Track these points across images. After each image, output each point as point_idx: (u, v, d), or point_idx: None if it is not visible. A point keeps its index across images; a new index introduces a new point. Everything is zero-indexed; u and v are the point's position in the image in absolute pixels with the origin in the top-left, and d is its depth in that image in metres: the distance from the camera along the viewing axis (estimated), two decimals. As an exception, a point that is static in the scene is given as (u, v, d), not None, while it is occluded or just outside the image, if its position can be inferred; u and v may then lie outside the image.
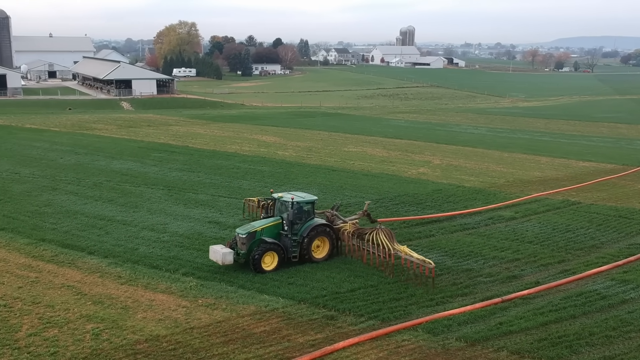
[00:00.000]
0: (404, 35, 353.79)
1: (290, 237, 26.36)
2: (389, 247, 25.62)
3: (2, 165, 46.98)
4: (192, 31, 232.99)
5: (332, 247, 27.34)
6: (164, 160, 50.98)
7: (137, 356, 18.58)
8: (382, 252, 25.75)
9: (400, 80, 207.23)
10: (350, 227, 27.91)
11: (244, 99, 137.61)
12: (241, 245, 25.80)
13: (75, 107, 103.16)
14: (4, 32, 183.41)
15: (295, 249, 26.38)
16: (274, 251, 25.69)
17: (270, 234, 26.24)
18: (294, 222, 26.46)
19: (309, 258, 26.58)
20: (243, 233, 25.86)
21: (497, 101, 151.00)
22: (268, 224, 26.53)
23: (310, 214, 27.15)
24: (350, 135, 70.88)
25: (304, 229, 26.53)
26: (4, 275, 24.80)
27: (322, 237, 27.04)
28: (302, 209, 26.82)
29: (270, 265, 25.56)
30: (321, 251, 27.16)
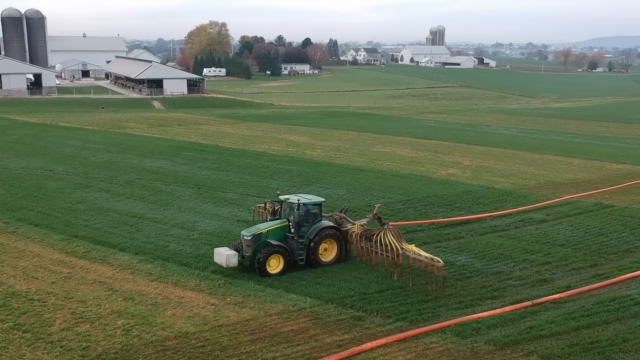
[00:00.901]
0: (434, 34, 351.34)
1: (296, 240, 25.69)
2: (397, 247, 25.19)
3: (37, 162, 48.06)
4: (223, 31, 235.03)
5: (340, 251, 26.66)
6: (194, 159, 51.52)
7: (167, 352, 18.82)
8: (390, 252, 25.31)
9: (430, 80, 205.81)
10: (358, 229, 27.33)
11: (272, 98, 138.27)
12: (246, 247, 25.28)
13: (108, 106, 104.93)
14: (39, 32, 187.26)
15: (301, 251, 25.68)
16: (280, 254, 25.06)
17: (276, 237, 25.64)
18: (300, 225, 25.81)
19: (316, 261, 25.89)
20: (248, 235, 25.32)
21: (528, 102, 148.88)
22: (274, 226, 25.92)
23: (317, 216, 26.50)
24: (379, 135, 70.64)
25: (310, 232, 25.85)
26: (38, 270, 25.38)
27: (330, 240, 26.32)
28: (309, 211, 26.12)
29: (275, 269, 24.94)
30: (329, 254, 26.47)
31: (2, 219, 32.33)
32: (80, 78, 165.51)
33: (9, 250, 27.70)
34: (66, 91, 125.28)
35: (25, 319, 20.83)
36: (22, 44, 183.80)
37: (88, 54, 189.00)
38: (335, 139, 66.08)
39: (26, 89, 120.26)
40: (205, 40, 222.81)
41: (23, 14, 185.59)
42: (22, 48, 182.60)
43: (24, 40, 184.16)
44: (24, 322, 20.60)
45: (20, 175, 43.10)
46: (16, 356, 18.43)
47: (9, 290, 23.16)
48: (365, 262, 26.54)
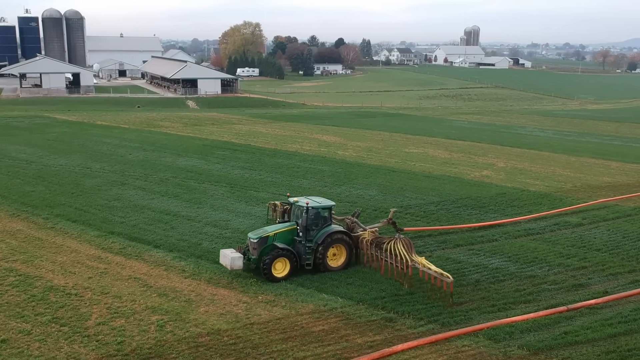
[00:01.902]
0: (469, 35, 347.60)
1: (304, 244, 25.10)
2: (407, 258, 24.23)
3: (75, 160, 49.16)
4: (256, 31, 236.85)
5: (349, 256, 25.95)
6: (227, 158, 52.00)
7: (199, 349, 19.07)
8: (400, 263, 24.33)
9: (464, 80, 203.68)
10: (369, 235, 26.42)
11: (305, 98, 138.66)
12: (252, 250, 24.84)
13: (144, 105, 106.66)
14: (78, 33, 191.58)
15: (309, 256, 25.07)
16: (286, 258, 24.51)
17: (283, 240, 25.08)
18: (308, 228, 25.17)
19: (323, 266, 25.26)
20: (254, 237, 24.84)
21: (564, 103, 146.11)
22: (281, 229, 25.40)
23: (327, 220, 25.80)
24: (412, 136, 70.23)
25: (319, 236, 25.21)
26: (75, 265, 25.98)
27: (339, 245, 25.67)
28: (318, 214, 25.43)
29: (281, 272, 24.45)
30: (337, 260, 25.79)
31: (42, 214, 33.19)
32: (117, 77, 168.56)
33: (48, 246, 28.42)
34: (103, 90, 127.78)
35: (62, 313, 21.37)
36: (62, 44, 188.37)
37: (125, 53, 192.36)
38: (368, 140, 65.93)
39: (65, 88, 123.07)
40: (239, 41, 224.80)
41: (63, 14, 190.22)
42: (62, 48, 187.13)
43: (63, 40, 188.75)
44: (61, 316, 21.13)
45: (59, 173, 44.16)
46: (54, 349, 18.91)
47: (47, 285, 23.78)
48: (375, 270, 25.67)
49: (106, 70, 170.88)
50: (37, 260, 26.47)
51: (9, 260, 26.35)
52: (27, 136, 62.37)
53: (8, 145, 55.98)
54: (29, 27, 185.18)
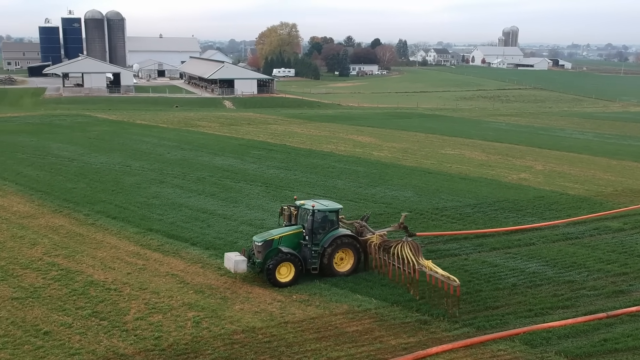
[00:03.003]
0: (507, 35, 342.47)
1: (310, 248, 24.60)
2: (414, 261, 23.58)
3: (115, 158, 50.25)
4: (293, 32, 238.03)
5: (357, 261, 25.34)
6: (263, 157, 52.42)
7: (234, 346, 19.32)
8: (407, 266, 23.71)
9: (502, 81, 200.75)
10: (377, 239, 25.69)
11: (340, 99, 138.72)
12: (257, 253, 24.40)
13: (182, 104, 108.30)
14: (119, 33, 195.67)
15: (315, 260, 24.56)
16: (291, 262, 23.95)
17: (289, 243, 24.56)
18: (315, 232, 24.66)
19: (330, 271, 24.75)
20: (259, 241, 24.40)
21: (606, 105, 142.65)
22: (287, 233, 24.88)
23: (334, 223, 25.24)
24: (448, 137, 69.58)
25: (325, 240, 24.69)
26: (115, 261, 26.59)
27: (346, 249, 25.06)
28: (325, 218, 24.94)
29: (286, 277, 23.92)
30: (345, 264, 25.19)
31: (83, 211, 34.06)
32: (156, 77, 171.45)
33: (89, 241, 29.15)
34: (143, 90, 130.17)
35: (102, 307, 21.90)
36: (103, 44, 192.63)
37: (164, 54, 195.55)
38: (403, 141, 65.60)
39: (106, 87, 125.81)
40: (275, 41, 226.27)
41: (104, 15, 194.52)
42: (103, 48, 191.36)
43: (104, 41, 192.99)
44: (101, 310, 21.66)
45: (100, 170, 45.22)
46: (94, 342, 19.40)
47: (88, 280, 24.41)
48: (383, 274, 25.07)
49: (145, 70, 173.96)
50: (78, 255, 27.19)
51: (52, 255, 27.13)
52: (69, 134, 64.04)
53: (51, 143, 57.58)
54: (72, 27, 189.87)
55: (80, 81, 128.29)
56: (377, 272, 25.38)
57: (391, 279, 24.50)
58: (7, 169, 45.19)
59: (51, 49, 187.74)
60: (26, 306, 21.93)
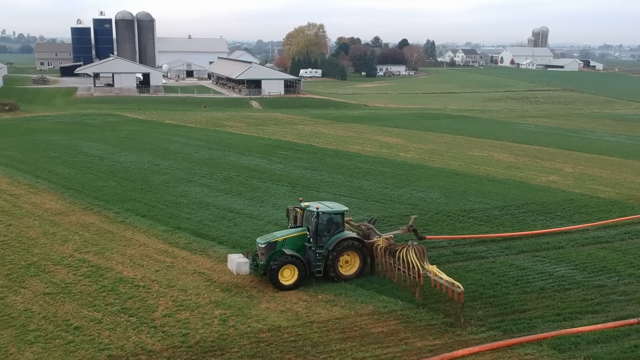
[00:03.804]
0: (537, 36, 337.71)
1: (314, 250, 24.24)
2: (419, 266, 22.93)
3: (144, 157, 50.98)
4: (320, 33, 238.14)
5: (362, 264, 24.96)
6: (289, 158, 52.64)
7: (260, 344, 19.46)
8: (412, 271, 23.10)
9: (531, 83, 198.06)
10: (383, 242, 25.02)
11: (367, 99, 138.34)
12: (261, 255, 24.18)
13: (210, 105, 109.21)
14: (149, 34, 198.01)
15: (319, 263, 24.18)
16: (294, 265, 23.62)
17: (293, 246, 24.28)
18: (319, 234, 24.30)
19: (335, 274, 24.34)
20: (262, 243, 24.14)
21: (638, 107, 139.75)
22: (291, 235, 24.58)
23: (339, 226, 24.84)
24: (476, 138, 68.97)
25: (330, 242, 24.27)
26: (143, 258, 27.01)
27: (351, 252, 24.65)
28: (331, 220, 24.55)
29: (289, 280, 23.62)
30: (350, 267, 24.76)
31: (113, 209, 34.65)
32: (185, 78, 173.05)
33: (118, 239, 29.66)
34: (171, 90, 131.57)
35: (131, 304, 22.28)
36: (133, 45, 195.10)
37: (192, 54, 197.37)
38: (430, 142, 65.23)
39: (135, 87, 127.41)
40: (302, 42, 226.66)
41: (135, 16, 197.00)
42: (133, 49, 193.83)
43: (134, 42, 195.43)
44: (130, 307, 22.03)
45: (130, 169, 45.92)
46: (123, 338, 19.75)
47: (117, 276, 24.84)
48: (389, 279, 24.54)
49: (174, 70, 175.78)
50: (108, 252, 27.69)
51: (82, 252, 27.68)
52: (99, 133, 65.17)
53: (82, 141, 58.66)
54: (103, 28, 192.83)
55: (110, 81, 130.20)
56: (383, 276, 24.92)
57: (396, 284, 23.94)
58: (40, 167, 46.20)
59: (83, 49, 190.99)
60: (57, 301, 22.43)
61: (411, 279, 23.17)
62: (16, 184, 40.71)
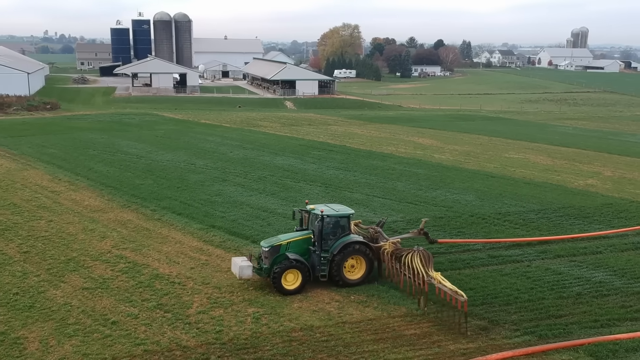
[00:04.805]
0: (576, 36, 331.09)
1: (319, 254, 23.85)
2: (423, 273, 22.28)
3: (181, 156, 51.75)
4: (355, 33, 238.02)
5: (369, 268, 24.36)
6: (322, 158, 52.75)
7: (292, 343, 19.60)
8: (416, 277, 22.42)
9: (570, 84, 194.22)
10: (390, 246, 24.42)
11: (401, 100, 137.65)
12: (264, 259, 23.92)
13: (244, 105, 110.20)
14: (185, 35, 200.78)
15: (324, 267, 23.74)
16: (297, 269, 23.23)
17: (298, 249, 23.87)
18: (324, 238, 23.88)
19: (339, 279, 23.82)
20: (266, 246, 23.87)
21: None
22: (295, 238, 24.14)
23: (345, 229, 24.35)
24: (512, 140, 68.00)
25: (335, 246, 23.80)
26: (179, 256, 27.45)
27: (357, 256, 24.10)
28: (337, 223, 24.13)
29: (292, 285, 23.22)
30: (356, 272, 24.22)
31: (150, 206, 35.29)
32: (220, 78, 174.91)
33: (155, 236, 30.20)
34: (207, 90, 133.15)
35: (167, 300, 22.68)
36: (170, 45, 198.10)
37: (228, 55, 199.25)
38: (465, 143, 64.57)
39: (172, 87, 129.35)
40: (337, 42, 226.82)
41: (172, 17, 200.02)
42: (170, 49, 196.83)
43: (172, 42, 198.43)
44: (165, 303, 22.43)
45: (166, 168, 46.69)
46: (158, 333, 20.12)
47: (153, 273, 25.31)
48: (396, 284, 23.94)
49: (210, 71, 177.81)
50: (144, 249, 28.23)
51: (120, 248, 28.27)
52: (137, 132, 66.40)
53: (121, 140, 59.86)
54: (141, 29, 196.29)
55: (148, 81, 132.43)
56: (389, 281, 24.34)
57: (402, 289, 23.41)
58: (80, 164, 47.32)
59: (121, 49, 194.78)
60: (95, 296, 22.97)
61: (416, 285, 22.51)
62: (57, 181, 41.79)
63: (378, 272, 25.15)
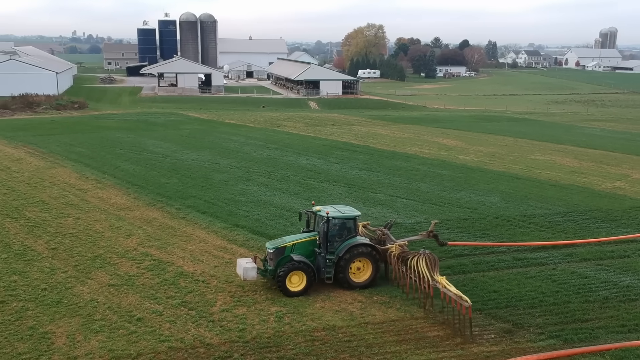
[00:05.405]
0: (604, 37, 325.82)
1: (324, 256, 23.70)
2: (428, 276, 22.04)
3: (205, 155, 52.20)
4: (379, 33, 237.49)
5: (375, 271, 24.04)
6: (346, 158, 52.74)
7: (315, 343, 19.66)
8: (422, 281, 22.23)
9: (597, 85, 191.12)
10: (396, 249, 24.21)
11: (426, 100, 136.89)
12: (270, 260, 23.88)
13: (268, 105, 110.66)
14: (211, 35, 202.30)
15: (329, 269, 23.61)
16: (302, 271, 23.10)
17: (303, 251, 23.75)
18: (330, 240, 23.73)
19: (345, 281, 23.65)
20: (271, 248, 23.78)
21: None
22: (301, 240, 24.05)
23: (351, 231, 24.16)
24: (538, 142, 67.17)
25: (341, 248, 23.65)
26: (203, 254, 27.70)
27: (363, 258, 23.84)
28: (344, 225, 23.96)
29: (297, 286, 23.13)
30: (363, 274, 23.96)
31: (175, 205, 35.67)
32: (245, 78, 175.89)
33: (179, 234, 30.52)
34: (232, 90, 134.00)
35: (191, 298, 22.92)
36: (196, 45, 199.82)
37: (253, 55, 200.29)
38: (490, 144, 63.99)
39: (197, 87, 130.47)
40: (361, 43, 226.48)
41: (198, 18, 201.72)
42: (196, 49, 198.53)
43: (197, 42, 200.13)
44: (190, 300, 22.67)
45: (191, 167, 47.14)
46: (182, 330, 20.35)
47: (178, 270, 25.59)
48: (402, 287, 23.79)
49: (235, 71, 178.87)
50: (169, 247, 28.55)
51: (145, 246, 28.64)
52: (163, 132, 67.13)
53: (147, 139, 60.59)
54: (167, 29, 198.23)
55: (174, 81, 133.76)
56: (396, 284, 24.15)
57: (408, 293, 23.23)
58: (107, 163, 48.02)
59: (148, 49, 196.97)
60: (121, 293, 23.31)
61: (421, 288, 22.32)
62: (84, 179, 42.47)
63: (385, 275, 25.03)
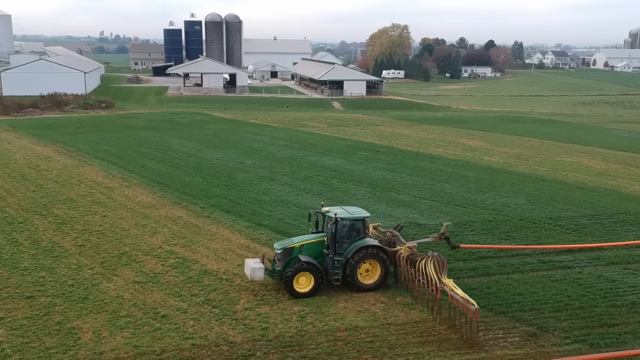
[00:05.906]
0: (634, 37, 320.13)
1: (332, 257, 23.50)
2: (436, 279, 21.72)
3: (229, 155, 52.57)
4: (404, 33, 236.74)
5: (384, 273, 23.76)
6: (369, 159, 52.66)
7: (337, 343, 19.69)
8: (429, 284, 21.90)
9: (626, 86, 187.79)
10: (405, 251, 23.87)
11: (450, 101, 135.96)
12: (277, 261, 23.77)
13: (292, 105, 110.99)
14: (236, 36, 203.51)
15: (337, 270, 23.38)
16: (310, 272, 22.93)
17: (311, 252, 23.61)
18: (339, 241, 23.52)
19: (353, 283, 23.42)
20: (279, 248, 23.66)
21: None
22: (309, 241, 23.91)
23: (360, 232, 23.91)
24: (564, 144, 66.28)
25: (349, 250, 23.43)
26: (227, 253, 27.92)
27: (372, 260, 23.58)
28: (353, 226, 23.73)
29: (305, 288, 22.95)
30: (371, 276, 23.71)
31: (199, 204, 36.00)
32: (269, 78, 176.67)
33: (204, 233, 30.81)
34: (256, 90, 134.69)
35: (214, 296, 23.12)
36: (221, 46, 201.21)
37: (277, 55, 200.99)
38: (516, 146, 63.32)
39: (222, 87, 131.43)
40: (386, 43, 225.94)
41: (223, 18, 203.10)
42: (221, 50, 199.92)
43: (222, 43, 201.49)
44: (213, 299, 22.87)
45: (215, 166, 47.52)
46: (206, 328, 20.55)
47: (202, 269, 25.83)
48: (410, 290, 23.44)
49: (259, 71, 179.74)
50: (194, 245, 28.83)
51: (170, 244, 28.97)
52: (188, 131, 67.77)
53: (172, 139, 61.24)
54: (193, 30, 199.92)
55: (199, 81, 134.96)
56: (405, 288, 23.83)
57: (416, 296, 22.92)
58: (133, 162, 48.66)
59: (174, 50, 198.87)
60: (146, 290, 23.61)
61: (429, 291, 22.02)
62: (111, 177, 43.09)
63: (394, 277, 24.86)
